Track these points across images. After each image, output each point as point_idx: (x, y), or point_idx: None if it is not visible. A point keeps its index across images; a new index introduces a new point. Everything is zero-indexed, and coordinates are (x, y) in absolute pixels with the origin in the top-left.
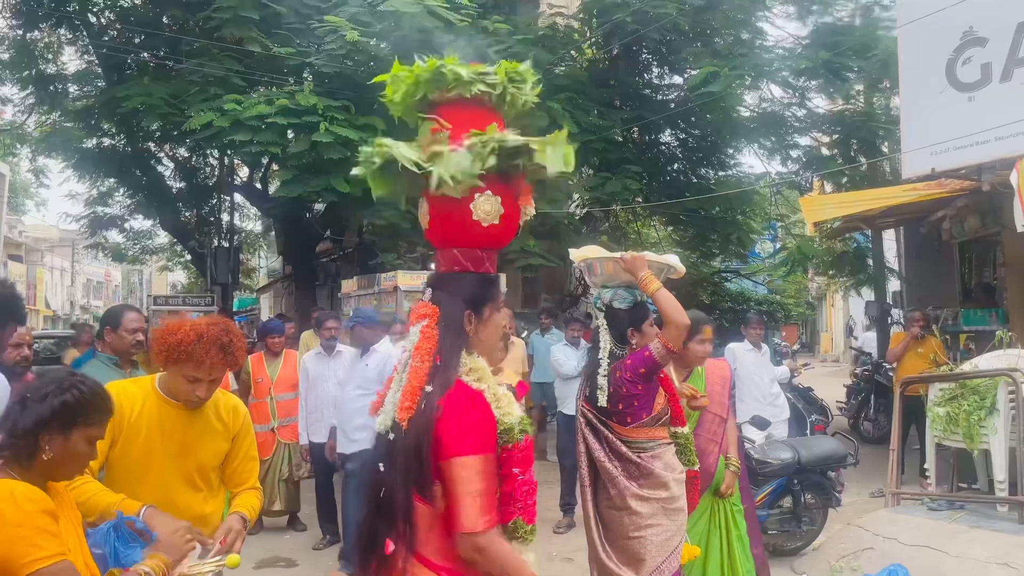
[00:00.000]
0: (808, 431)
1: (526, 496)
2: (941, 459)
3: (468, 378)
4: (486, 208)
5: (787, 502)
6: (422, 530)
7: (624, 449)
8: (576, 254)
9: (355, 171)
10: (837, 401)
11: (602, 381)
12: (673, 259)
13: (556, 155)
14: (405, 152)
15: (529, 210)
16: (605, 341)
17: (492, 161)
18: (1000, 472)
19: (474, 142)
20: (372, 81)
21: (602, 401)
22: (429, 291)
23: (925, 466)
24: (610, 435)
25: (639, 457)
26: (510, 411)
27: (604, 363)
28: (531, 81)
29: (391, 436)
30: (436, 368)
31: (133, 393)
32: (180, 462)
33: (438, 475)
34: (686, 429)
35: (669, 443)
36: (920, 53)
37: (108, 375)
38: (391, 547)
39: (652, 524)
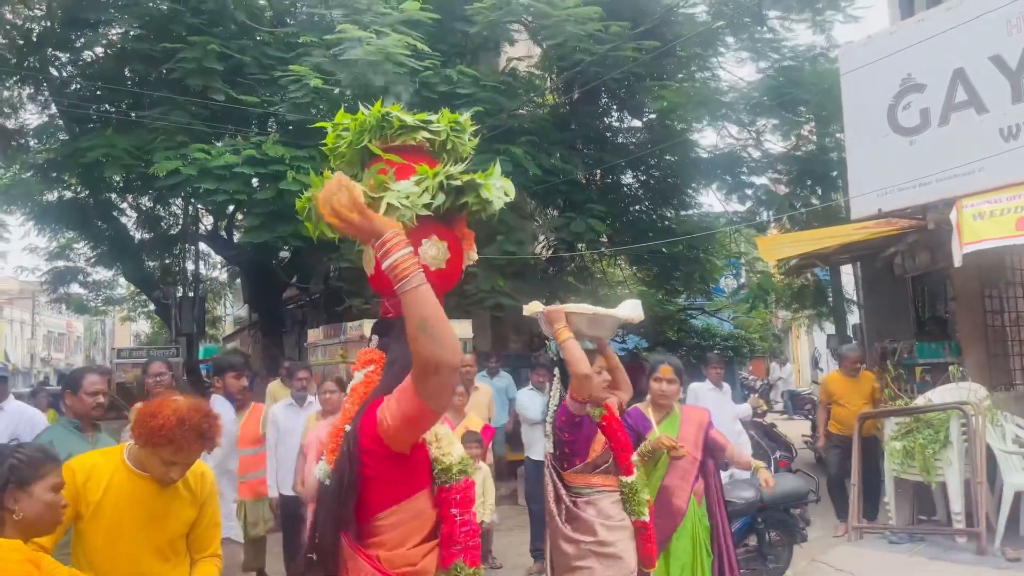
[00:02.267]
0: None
1: (466, 537)
2: (900, 492)
3: None
4: (432, 253)
5: (752, 540)
6: None
7: (562, 492)
8: (528, 309)
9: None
10: (803, 435)
11: (548, 428)
12: (622, 310)
13: (498, 188)
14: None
15: (472, 254)
16: (557, 389)
17: (441, 198)
18: (956, 504)
19: (422, 177)
20: (314, 125)
21: (548, 447)
22: (375, 338)
23: (885, 499)
24: (556, 479)
25: (572, 502)
26: (449, 451)
27: (552, 410)
28: (470, 131)
29: (327, 482)
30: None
31: (101, 467)
32: (150, 533)
33: (375, 444)
34: (631, 479)
35: (611, 491)
36: (863, 99)
37: (70, 440)
38: None
39: (581, 566)
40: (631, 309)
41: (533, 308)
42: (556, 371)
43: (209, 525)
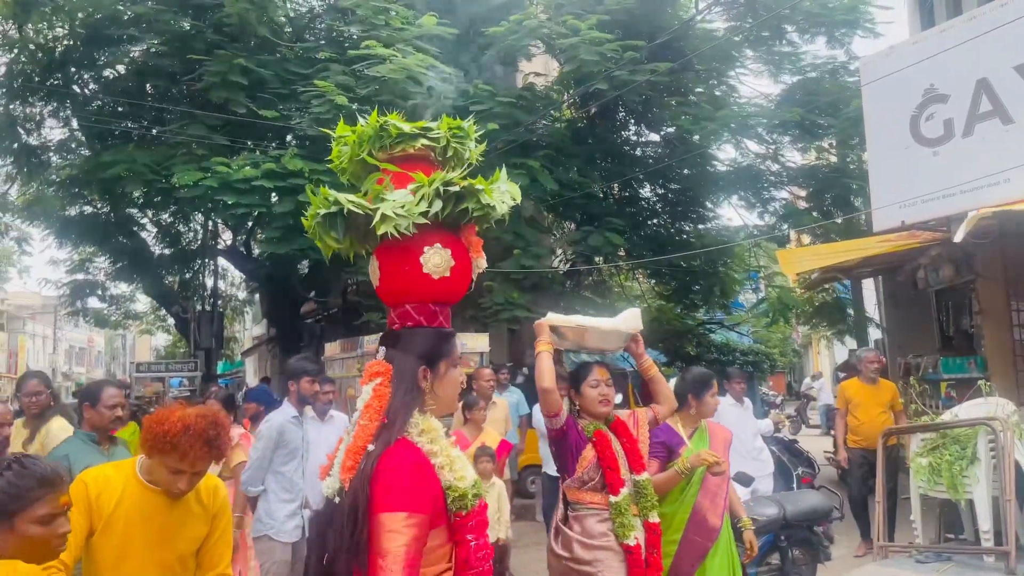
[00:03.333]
0: (795, 484)
1: (481, 561)
2: (927, 510)
3: (420, 439)
4: (436, 261)
5: (775, 559)
6: None
7: (560, 505)
8: (548, 319)
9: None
10: (825, 451)
11: None
12: (618, 320)
13: (501, 193)
14: (351, 198)
15: (480, 263)
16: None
17: (438, 204)
18: (984, 522)
19: (418, 185)
20: (322, 130)
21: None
22: (383, 349)
23: (911, 517)
24: (561, 491)
25: (564, 515)
26: (464, 475)
27: None
28: (474, 137)
29: (337, 500)
30: (383, 427)
31: (113, 480)
32: (160, 550)
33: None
34: (618, 499)
35: (600, 509)
36: (885, 111)
37: (87, 453)
38: None
39: None
40: (628, 319)
41: (555, 319)
42: None
43: (219, 542)
